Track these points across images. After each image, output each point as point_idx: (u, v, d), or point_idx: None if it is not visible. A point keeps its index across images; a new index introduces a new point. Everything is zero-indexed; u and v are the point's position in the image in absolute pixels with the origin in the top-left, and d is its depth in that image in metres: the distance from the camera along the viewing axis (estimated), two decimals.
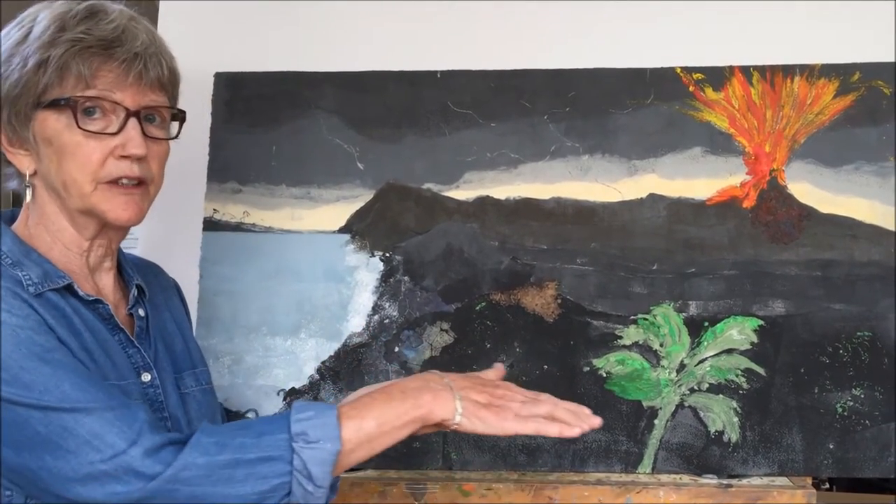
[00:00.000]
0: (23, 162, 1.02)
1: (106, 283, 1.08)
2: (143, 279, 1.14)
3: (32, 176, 1.02)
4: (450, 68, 1.50)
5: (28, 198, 1.03)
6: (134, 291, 1.10)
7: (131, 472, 0.86)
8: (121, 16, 1.02)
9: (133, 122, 1.01)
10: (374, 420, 0.94)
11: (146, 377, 1.05)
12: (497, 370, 1.09)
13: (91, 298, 1.02)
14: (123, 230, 1.08)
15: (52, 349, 0.91)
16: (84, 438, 0.87)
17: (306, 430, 0.90)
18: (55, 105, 0.98)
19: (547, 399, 1.01)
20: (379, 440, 0.95)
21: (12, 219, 1.07)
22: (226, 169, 1.50)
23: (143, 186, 1.04)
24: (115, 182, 1.01)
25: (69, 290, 1.00)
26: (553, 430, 0.98)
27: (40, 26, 0.98)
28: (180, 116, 1.10)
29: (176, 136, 1.10)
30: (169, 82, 1.07)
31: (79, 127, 0.98)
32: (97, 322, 1.02)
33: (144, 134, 1.01)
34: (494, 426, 0.98)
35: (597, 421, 0.99)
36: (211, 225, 1.49)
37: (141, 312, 1.10)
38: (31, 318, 0.92)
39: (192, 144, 1.49)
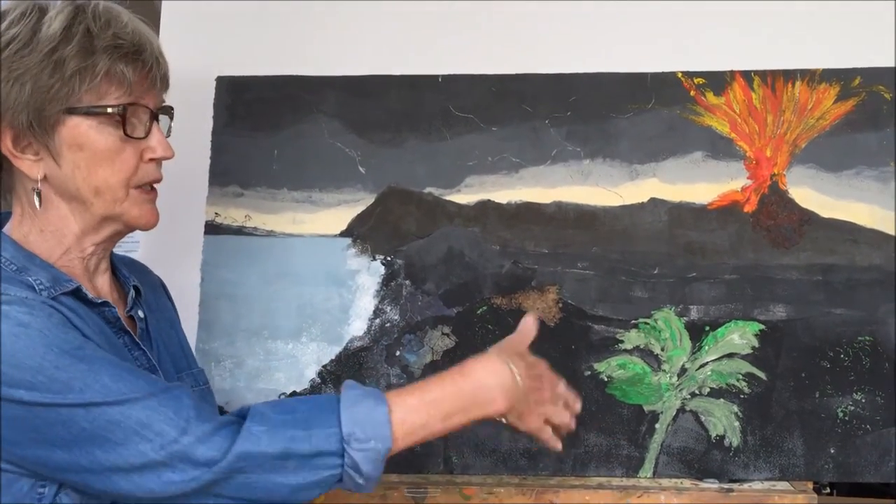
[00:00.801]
0: (32, 168, 0.98)
1: (103, 285, 1.07)
2: (137, 279, 1.13)
3: (41, 181, 0.99)
4: (451, 73, 1.51)
5: (37, 204, 0.99)
6: (132, 293, 1.10)
7: (186, 461, 0.86)
8: (131, 16, 1.01)
9: (156, 124, 1.01)
10: (431, 417, 0.94)
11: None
12: (530, 321, 1.06)
13: (99, 301, 1.01)
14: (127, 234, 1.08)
15: (81, 345, 0.90)
16: (132, 429, 0.86)
17: (355, 430, 0.90)
18: (91, 112, 0.96)
19: (573, 404, 1.06)
20: (433, 433, 0.95)
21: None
22: (227, 173, 1.51)
23: (156, 189, 1.05)
24: (141, 187, 1.02)
25: (76, 293, 0.98)
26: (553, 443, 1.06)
27: (55, 26, 0.95)
28: (172, 113, 1.09)
29: (168, 135, 1.09)
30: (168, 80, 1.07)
31: (126, 134, 0.98)
32: (104, 325, 1.01)
33: None
34: (531, 427, 1.04)
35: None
36: (213, 228, 1.49)
37: (140, 314, 1.09)
38: (54, 316, 0.90)
39: (193, 148, 1.50)
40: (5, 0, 0.99)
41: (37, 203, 0.99)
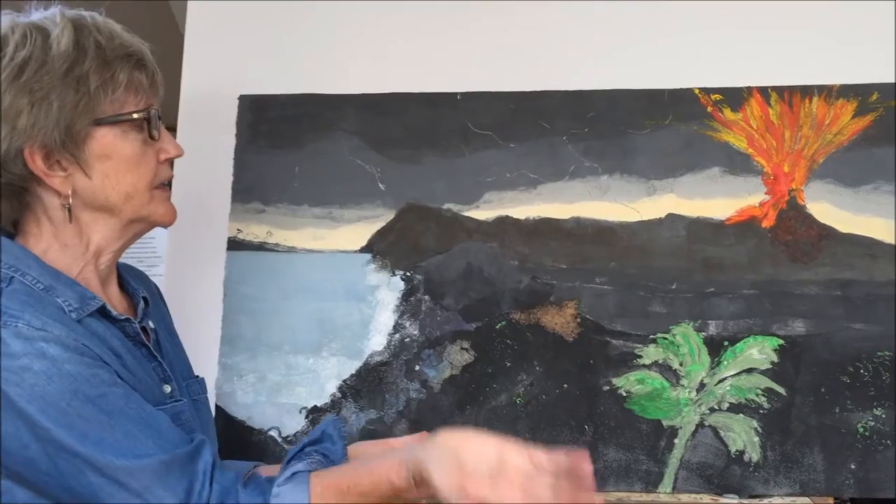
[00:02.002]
0: (63, 184, 1.00)
1: (113, 294, 1.09)
2: (143, 289, 1.15)
3: (70, 196, 1.01)
4: (469, 90, 1.52)
5: (68, 219, 1.01)
6: (142, 304, 1.11)
7: None
8: (118, 26, 1.04)
9: (162, 125, 1.06)
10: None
11: (167, 389, 1.07)
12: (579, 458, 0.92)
13: (122, 318, 1.03)
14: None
15: (105, 393, 0.92)
16: (136, 491, 0.88)
17: None
18: (118, 120, 1.00)
19: None
20: None
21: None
22: (250, 189, 1.53)
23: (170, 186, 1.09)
24: (159, 186, 1.06)
25: (101, 310, 1.00)
26: None
27: (64, 42, 0.97)
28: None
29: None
30: None
31: (151, 138, 1.03)
32: (125, 340, 1.03)
33: None
34: None
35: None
36: (235, 244, 1.51)
37: (151, 324, 1.11)
38: (86, 354, 0.92)
39: (216, 165, 1.53)
40: None
41: (68, 218, 1.01)
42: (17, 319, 0.90)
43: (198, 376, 1.20)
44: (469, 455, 0.89)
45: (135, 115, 1.01)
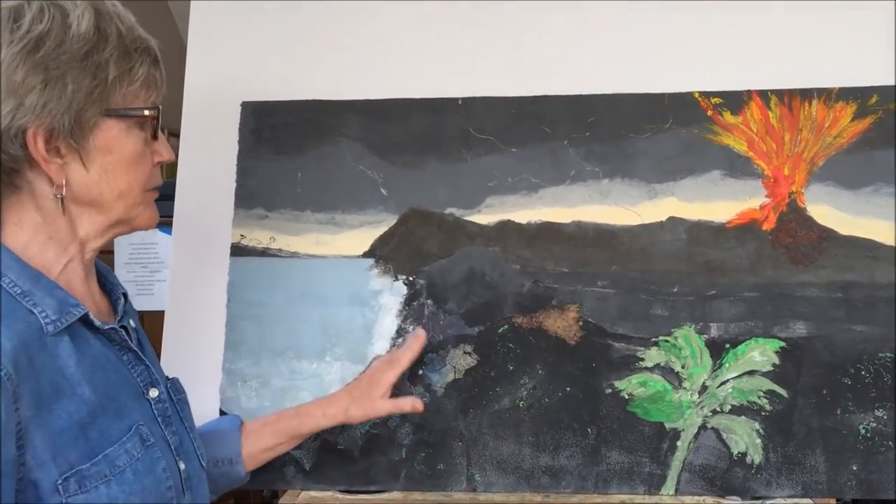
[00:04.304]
0: (58, 172, 0.95)
1: (94, 289, 1.05)
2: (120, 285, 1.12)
3: (60, 187, 0.95)
4: (471, 95, 1.53)
5: (61, 210, 0.96)
6: (122, 301, 1.07)
7: None
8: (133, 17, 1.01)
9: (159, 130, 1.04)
10: None
11: (153, 393, 1.03)
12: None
13: (107, 327, 0.99)
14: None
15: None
16: None
17: None
18: (128, 114, 0.97)
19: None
20: None
21: None
22: (253, 195, 1.54)
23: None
24: (151, 190, 1.04)
25: (83, 319, 0.96)
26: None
27: (86, 25, 0.93)
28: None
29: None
30: None
31: (153, 137, 1.01)
32: (106, 351, 0.99)
33: None
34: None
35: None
36: (238, 250, 1.52)
37: (132, 322, 1.07)
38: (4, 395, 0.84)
39: (219, 172, 1.54)
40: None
41: (61, 210, 0.96)
42: None
43: (170, 378, 1.14)
44: None
45: (146, 112, 0.99)
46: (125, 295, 1.10)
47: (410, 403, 1.33)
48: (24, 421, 0.86)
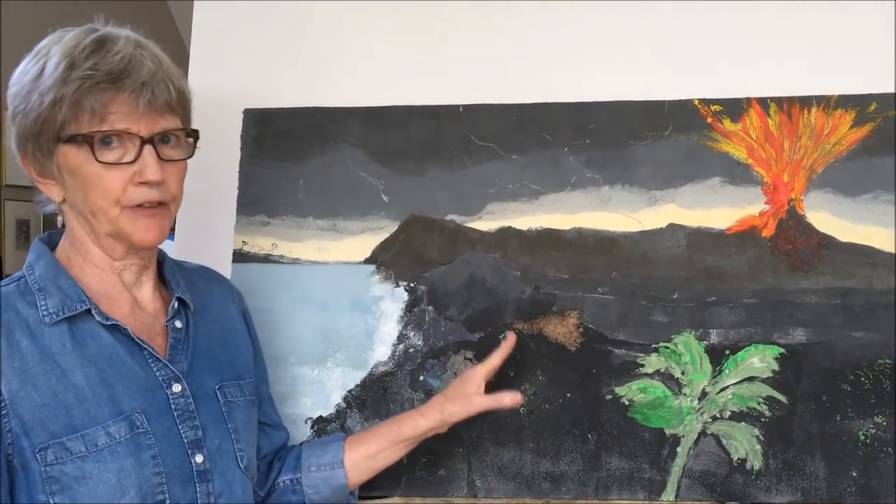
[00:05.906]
0: (52, 191, 1.08)
1: (145, 296, 1.14)
2: (193, 288, 1.19)
3: (62, 203, 1.09)
4: (472, 102, 1.54)
5: (60, 224, 1.11)
6: (174, 304, 1.15)
7: None
8: (127, 44, 1.04)
9: (148, 148, 1.05)
10: None
11: (176, 388, 1.09)
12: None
13: (109, 322, 1.06)
14: (152, 249, 1.13)
15: None
16: None
17: None
18: (73, 140, 1.03)
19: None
20: None
21: (51, 241, 1.14)
22: (254, 202, 1.54)
23: (165, 206, 1.09)
24: (138, 206, 1.06)
25: (89, 313, 1.06)
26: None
27: (52, 62, 1.02)
28: (194, 134, 1.13)
29: (191, 154, 1.12)
30: (179, 104, 1.10)
31: (97, 160, 1.02)
32: (116, 345, 1.07)
33: (160, 158, 1.06)
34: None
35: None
36: (240, 257, 1.53)
37: (178, 324, 1.14)
38: None
39: (222, 178, 1.55)
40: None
41: (72, 219, 1.09)
42: None
43: (243, 379, 1.22)
44: None
45: (79, 138, 1.02)
46: (180, 299, 1.16)
47: (510, 398, 1.28)
48: (9, 392, 0.99)
